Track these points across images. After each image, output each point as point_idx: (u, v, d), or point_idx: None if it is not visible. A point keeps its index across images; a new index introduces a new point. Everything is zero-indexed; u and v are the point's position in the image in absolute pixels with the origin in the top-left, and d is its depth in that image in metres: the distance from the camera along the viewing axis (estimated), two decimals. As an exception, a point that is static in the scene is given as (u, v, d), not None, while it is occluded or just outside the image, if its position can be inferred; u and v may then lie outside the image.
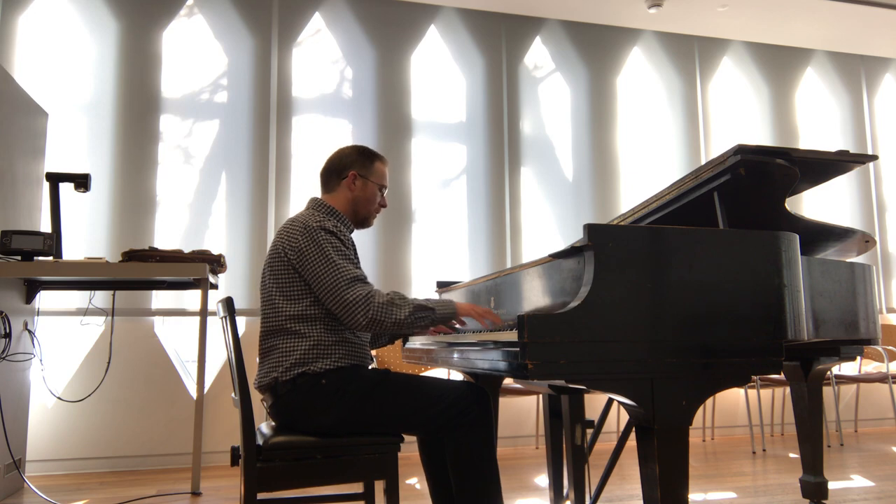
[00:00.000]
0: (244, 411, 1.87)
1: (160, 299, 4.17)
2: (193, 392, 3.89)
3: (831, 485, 3.03)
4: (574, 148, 5.09)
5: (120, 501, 3.13)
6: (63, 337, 3.96)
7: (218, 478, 3.69)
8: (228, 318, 1.94)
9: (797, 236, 1.81)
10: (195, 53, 4.47)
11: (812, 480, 2.53)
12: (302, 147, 4.55)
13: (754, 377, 2.22)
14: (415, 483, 3.49)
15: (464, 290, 2.60)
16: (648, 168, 5.19)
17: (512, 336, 1.72)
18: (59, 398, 3.82)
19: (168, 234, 4.24)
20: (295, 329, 1.98)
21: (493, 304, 2.30)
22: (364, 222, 2.23)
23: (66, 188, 3.63)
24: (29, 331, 3.51)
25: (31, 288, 3.53)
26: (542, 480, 3.50)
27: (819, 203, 5.44)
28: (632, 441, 1.84)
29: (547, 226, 4.95)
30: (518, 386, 3.87)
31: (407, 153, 4.73)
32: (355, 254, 2.12)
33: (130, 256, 3.36)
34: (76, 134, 4.19)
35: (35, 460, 3.80)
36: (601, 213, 5.04)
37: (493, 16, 5.03)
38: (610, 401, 2.59)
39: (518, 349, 1.54)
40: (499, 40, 5.04)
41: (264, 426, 2.07)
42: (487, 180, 4.87)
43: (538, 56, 5.13)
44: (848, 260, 2.45)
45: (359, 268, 2.04)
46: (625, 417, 2.59)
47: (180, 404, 4.07)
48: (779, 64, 5.62)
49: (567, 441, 2.25)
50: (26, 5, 4.20)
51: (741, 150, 1.91)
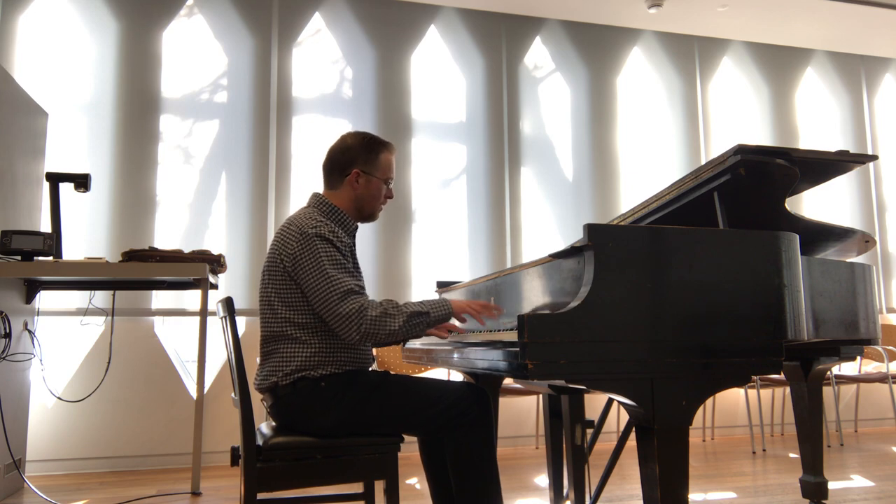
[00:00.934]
0: (244, 411, 1.87)
1: (160, 299, 4.17)
2: (193, 392, 3.89)
3: (831, 485, 3.03)
4: (574, 148, 5.09)
5: (120, 501, 3.13)
6: (63, 337, 3.96)
7: (218, 478, 3.69)
8: (228, 318, 1.94)
9: (797, 236, 1.81)
10: (195, 53, 4.47)
11: (812, 480, 2.54)
12: (302, 147, 4.55)
13: (754, 377, 2.22)
14: (415, 483, 3.49)
15: (464, 290, 2.60)
16: (648, 168, 5.19)
17: (512, 336, 1.72)
18: (59, 398, 3.82)
19: (168, 234, 4.24)
20: (296, 336, 1.97)
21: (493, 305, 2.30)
22: (369, 217, 2.18)
23: (66, 188, 3.62)
24: (29, 331, 3.51)
25: (31, 288, 3.53)
26: (542, 480, 3.50)
27: (819, 203, 5.44)
28: (632, 441, 1.84)
29: (547, 226, 4.95)
30: (518, 386, 3.87)
31: (407, 153, 4.73)
32: (354, 260, 2.07)
33: (130, 256, 3.36)
34: (76, 134, 4.19)
35: (35, 460, 3.80)
36: (601, 213, 5.04)
37: (493, 16, 5.03)
38: (610, 401, 2.59)
39: (518, 349, 1.54)
40: (499, 40, 5.04)
41: (264, 426, 2.07)
42: (487, 180, 4.88)
43: (538, 56, 5.13)
44: (848, 260, 2.45)
45: (354, 275, 1.99)
46: (625, 417, 2.59)
47: (180, 404, 4.07)
48: (779, 64, 5.62)
49: (567, 441, 2.25)
50: (26, 5, 4.20)
51: (741, 150, 1.91)
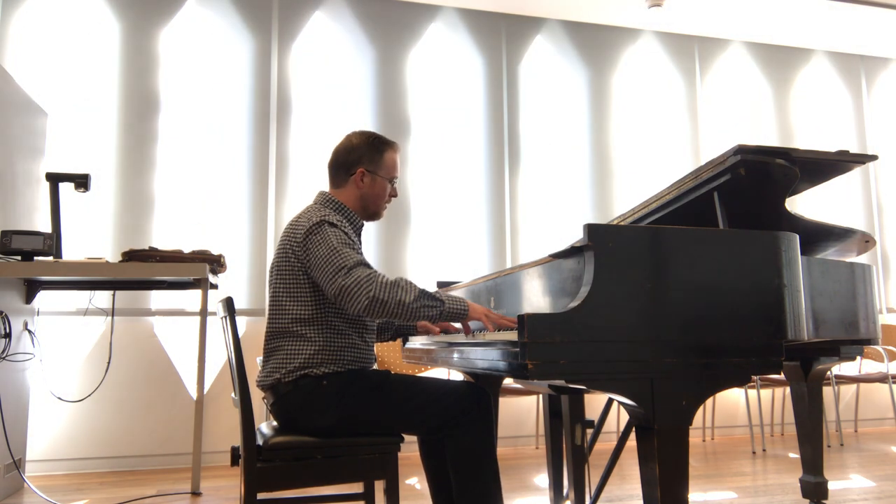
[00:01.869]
0: (244, 411, 1.87)
1: (160, 299, 4.17)
2: (193, 392, 3.89)
3: (831, 485, 3.03)
4: (574, 148, 5.09)
5: (120, 501, 3.13)
6: (63, 337, 3.96)
7: (218, 478, 3.69)
8: (228, 318, 1.94)
9: (797, 236, 1.81)
10: (195, 53, 4.47)
11: (812, 480, 2.54)
12: (302, 147, 4.54)
13: (754, 377, 2.22)
14: (415, 483, 3.49)
15: (464, 290, 2.60)
16: (648, 168, 5.19)
17: (512, 336, 1.72)
18: (59, 398, 3.82)
19: (168, 234, 4.24)
20: (301, 332, 1.97)
21: (493, 304, 2.30)
22: (374, 216, 2.20)
23: (66, 188, 3.62)
24: (29, 331, 3.51)
25: (31, 288, 3.53)
26: (542, 480, 3.50)
27: (819, 203, 5.44)
28: (632, 441, 1.84)
29: (547, 226, 4.95)
30: (518, 386, 3.87)
31: (406, 153, 4.72)
32: (360, 251, 2.09)
33: (130, 256, 3.36)
34: (76, 134, 4.19)
35: (35, 460, 3.80)
36: (601, 213, 5.04)
37: (493, 16, 5.03)
38: (610, 401, 2.59)
39: (518, 349, 1.54)
40: (499, 40, 5.04)
41: (264, 426, 2.07)
42: (487, 180, 4.87)
43: (538, 56, 5.13)
44: (848, 260, 2.45)
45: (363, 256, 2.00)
46: (625, 417, 2.59)
47: (180, 404, 4.07)
48: (779, 64, 5.62)
49: (567, 441, 2.25)
50: (26, 4, 4.20)
51: (741, 150, 1.91)
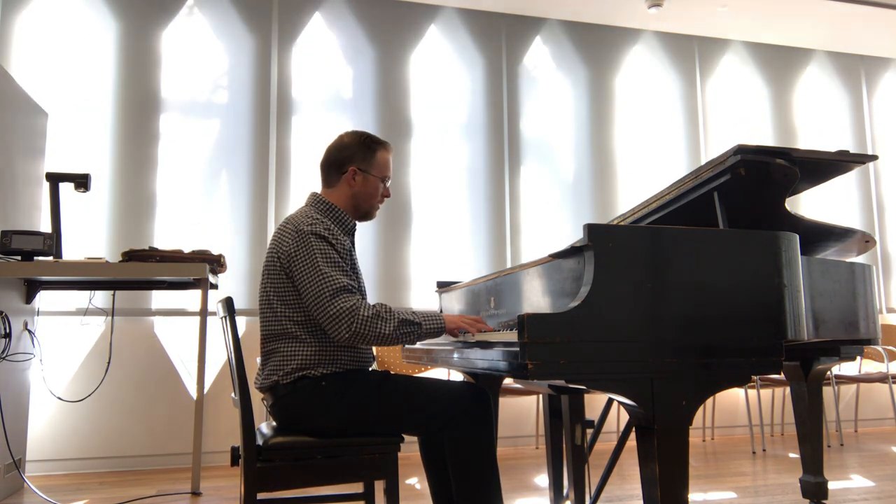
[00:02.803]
0: (244, 411, 1.87)
1: (160, 299, 4.17)
2: (193, 392, 3.89)
3: (831, 485, 3.02)
4: (574, 148, 5.09)
5: (120, 501, 3.13)
6: (63, 337, 3.96)
7: (218, 478, 3.69)
8: (228, 318, 1.94)
9: (797, 236, 1.81)
10: (195, 53, 4.46)
11: (812, 480, 2.53)
12: (302, 147, 4.54)
13: (754, 377, 2.22)
14: (415, 483, 3.49)
15: (464, 290, 2.60)
16: (648, 168, 5.19)
17: (512, 336, 1.72)
18: (59, 398, 3.82)
19: (168, 234, 4.24)
20: (297, 334, 1.97)
21: (493, 304, 2.30)
22: (366, 215, 2.19)
23: (66, 188, 3.62)
24: (29, 331, 3.51)
25: (31, 288, 3.53)
26: (542, 480, 3.50)
27: (819, 203, 5.44)
28: (632, 441, 1.84)
29: (547, 226, 4.95)
30: (518, 386, 3.87)
31: (407, 153, 4.72)
32: (351, 259, 2.05)
33: (130, 256, 3.36)
34: (76, 134, 4.19)
35: (35, 460, 3.80)
36: (601, 213, 5.04)
37: (493, 16, 5.03)
38: (610, 401, 2.59)
39: (518, 349, 1.54)
40: (499, 40, 5.04)
41: (264, 426, 2.07)
42: (487, 180, 4.87)
43: (538, 56, 5.13)
44: (848, 260, 2.45)
45: (349, 274, 1.97)
46: (625, 417, 2.59)
47: (180, 404, 4.07)
48: (779, 64, 5.62)
49: (567, 441, 2.25)
50: (26, 5, 4.20)
51: (741, 150, 1.91)
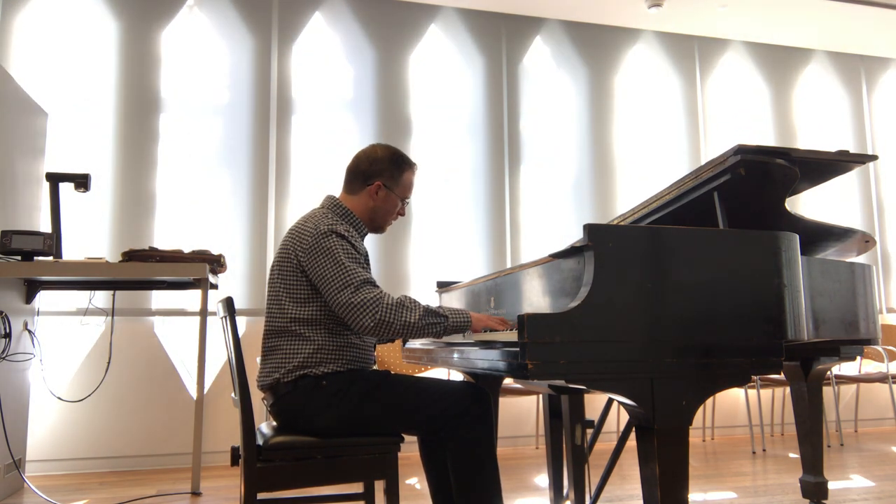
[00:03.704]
0: (244, 411, 1.87)
1: (160, 299, 4.17)
2: (193, 392, 3.89)
3: (831, 485, 3.02)
4: (574, 148, 5.09)
5: (120, 501, 3.13)
6: (63, 337, 3.95)
7: (218, 478, 3.69)
8: (228, 318, 1.94)
9: (797, 236, 1.81)
10: (195, 53, 4.46)
11: (812, 480, 2.54)
12: (302, 147, 4.54)
13: (754, 377, 2.22)
14: (415, 483, 3.49)
15: (464, 290, 2.60)
16: (648, 168, 5.19)
17: (512, 336, 1.72)
18: (59, 398, 3.82)
19: (168, 234, 4.24)
20: (299, 332, 1.98)
21: (493, 304, 2.30)
22: (378, 229, 2.21)
23: (66, 188, 3.62)
24: (29, 331, 3.51)
25: (31, 288, 3.53)
26: (542, 480, 3.50)
27: (819, 203, 5.44)
28: (632, 441, 1.84)
29: (547, 226, 4.94)
30: (518, 386, 3.87)
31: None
32: (367, 261, 2.09)
33: (130, 256, 3.36)
34: (76, 134, 4.19)
35: (35, 460, 3.80)
36: (601, 213, 5.04)
37: (493, 16, 5.03)
38: (610, 401, 2.59)
39: (518, 349, 1.54)
40: (499, 40, 5.04)
41: (264, 426, 2.07)
42: (487, 180, 4.87)
43: (538, 56, 5.13)
44: (848, 260, 2.45)
45: (369, 273, 2.01)
46: (625, 417, 2.59)
47: (180, 404, 4.07)
48: (779, 64, 5.62)
49: (567, 441, 2.25)
50: (26, 4, 4.20)
51: (741, 150, 1.91)
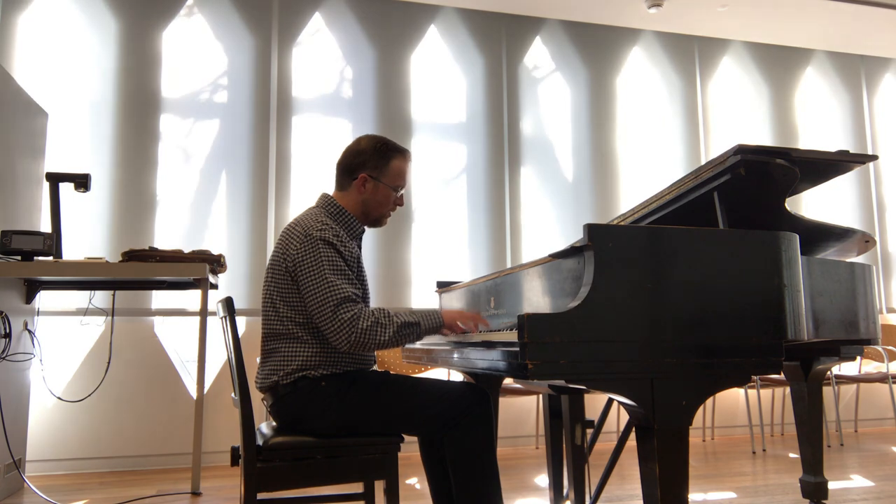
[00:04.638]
0: (244, 411, 1.87)
1: (160, 299, 4.17)
2: (193, 392, 3.89)
3: (831, 485, 3.03)
4: (574, 148, 5.09)
5: (120, 501, 3.13)
6: (63, 337, 3.95)
7: (218, 478, 3.69)
8: (228, 318, 1.94)
9: (797, 236, 1.81)
10: (195, 53, 4.46)
11: (812, 480, 2.53)
12: (302, 147, 4.54)
13: (754, 377, 2.22)
14: (415, 483, 3.49)
15: (464, 290, 2.60)
16: (648, 168, 5.19)
17: (512, 336, 1.72)
18: (59, 398, 3.82)
19: (168, 234, 4.24)
20: (298, 334, 1.97)
21: (493, 304, 2.30)
22: (376, 223, 2.17)
23: (66, 188, 3.62)
24: (29, 331, 3.51)
25: (31, 288, 3.53)
26: (542, 480, 3.50)
27: (819, 203, 5.44)
28: (632, 441, 1.84)
29: (547, 226, 4.95)
30: (518, 386, 3.87)
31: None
32: (358, 265, 2.06)
33: (130, 256, 3.36)
34: (76, 134, 4.19)
35: (35, 460, 3.80)
36: (601, 213, 5.04)
37: (493, 16, 5.03)
38: (610, 401, 2.59)
39: (518, 349, 1.54)
40: (499, 40, 5.04)
41: (264, 426, 2.07)
42: (487, 180, 4.88)
43: (538, 56, 5.13)
44: (848, 260, 2.45)
45: (354, 283, 1.98)
46: (625, 417, 2.59)
47: (180, 404, 4.07)
48: (779, 64, 5.62)
49: (567, 441, 2.25)
50: (26, 5, 4.20)
51: (741, 150, 1.91)
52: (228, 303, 1.96)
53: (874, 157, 2.22)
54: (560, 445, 2.54)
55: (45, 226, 3.72)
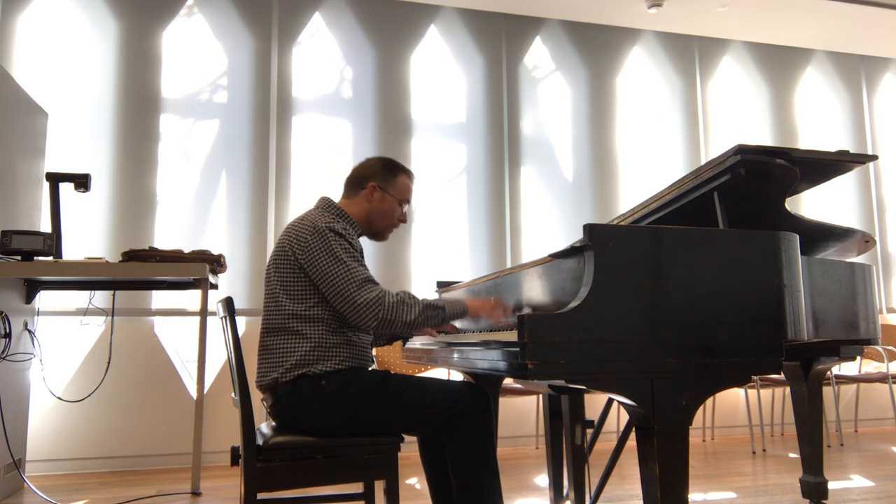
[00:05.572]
0: (244, 411, 1.87)
1: (160, 299, 4.17)
2: (193, 392, 3.89)
3: (831, 485, 3.03)
4: (574, 148, 5.09)
5: (120, 501, 3.13)
6: (63, 337, 3.95)
7: (218, 478, 3.69)
8: (228, 318, 1.94)
9: (797, 236, 1.81)
10: (195, 53, 4.47)
11: (812, 480, 2.54)
12: (302, 147, 4.54)
13: (754, 377, 2.22)
14: (415, 483, 3.49)
15: (464, 290, 2.60)
16: (648, 168, 5.19)
17: (512, 336, 1.72)
18: (59, 398, 3.82)
19: (168, 234, 4.24)
20: (297, 329, 1.98)
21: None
22: (378, 235, 2.23)
23: (66, 188, 3.62)
24: (29, 331, 3.51)
25: (31, 288, 3.53)
26: (542, 480, 3.50)
27: (819, 203, 5.44)
28: (632, 441, 1.84)
29: (547, 226, 4.95)
30: (518, 386, 3.87)
31: (407, 153, 4.73)
32: (362, 257, 2.11)
33: (130, 256, 3.36)
34: (76, 134, 4.19)
35: (35, 460, 3.80)
36: (601, 213, 5.04)
37: (493, 16, 5.03)
38: (610, 401, 2.59)
39: (518, 349, 1.54)
40: (499, 40, 5.04)
41: (264, 426, 2.07)
42: (487, 180, 4.88)
43: (538, 56, 5.13)
44: (848, 260, 2.45)
45: (367, 270, 2.04)
46: (625, 417, 2.59)
47: (180, 404, 4.07)
48: (779, 64, 5.62)
49: (567, 441, 2.25)
50: (26, 5, 4.20)
51: (741, 150, 1.91)
52: (228, 303, 1.96)
53: (874, 157, 2.22)
54: (560, 445, 2.54)
55: (45, 226, 3.72)
